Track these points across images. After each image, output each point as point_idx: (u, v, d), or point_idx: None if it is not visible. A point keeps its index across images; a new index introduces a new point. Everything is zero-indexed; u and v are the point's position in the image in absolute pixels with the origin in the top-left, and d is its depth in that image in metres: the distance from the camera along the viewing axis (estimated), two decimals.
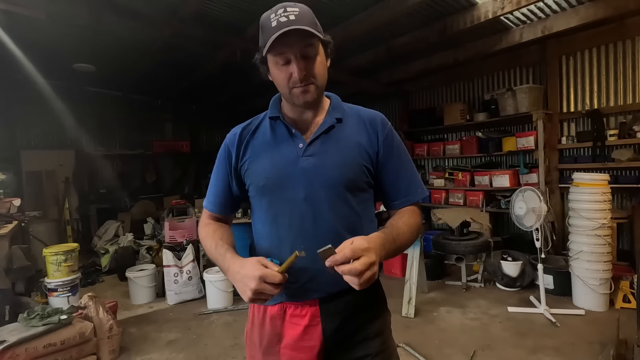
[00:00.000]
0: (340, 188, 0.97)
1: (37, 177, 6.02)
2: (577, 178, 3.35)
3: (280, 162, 0.99)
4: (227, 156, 1.08)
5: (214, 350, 2.89)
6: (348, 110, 1.07)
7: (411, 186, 1.06)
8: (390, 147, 1.04)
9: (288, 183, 0.98)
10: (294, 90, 0.94)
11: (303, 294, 0.98)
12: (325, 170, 0.97)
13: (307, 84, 0.93)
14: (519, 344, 2.77)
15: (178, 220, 4.31)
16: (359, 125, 1.05)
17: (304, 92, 0.94)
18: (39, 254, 3.57)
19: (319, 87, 0.96)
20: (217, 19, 3.77)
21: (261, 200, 1.03)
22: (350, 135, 1.02)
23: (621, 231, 4.03)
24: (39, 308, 2.53)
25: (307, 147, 0.99)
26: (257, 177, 1.01)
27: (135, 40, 4.14)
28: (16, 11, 3.16)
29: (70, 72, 5.22)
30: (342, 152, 0.99)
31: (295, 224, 0.98)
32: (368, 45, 4.61)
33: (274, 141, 1.03)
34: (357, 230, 0.96)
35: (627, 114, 4.09)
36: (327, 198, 0.97)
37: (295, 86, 0.93)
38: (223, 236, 1.06)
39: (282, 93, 1.00)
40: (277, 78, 0.96)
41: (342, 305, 0.98)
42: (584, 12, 3.67)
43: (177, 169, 7.86)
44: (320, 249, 0.78)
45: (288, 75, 0.92)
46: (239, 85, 6.06)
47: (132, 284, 3.95)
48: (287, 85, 0.94)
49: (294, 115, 1.03)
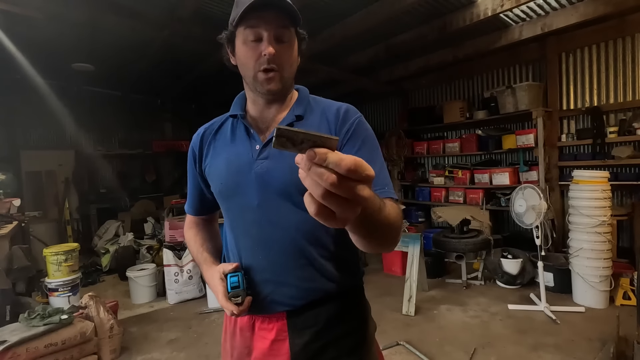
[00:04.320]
0: (295, 194, 0.86)
1: (37, 177, 6.01)
2: (577, 175, 3.35)
3: (234, 166, 0.92)
4: (192, 158, 1.04)
5: (214, 349, 2.89)
6: (314, 105, 0.97)
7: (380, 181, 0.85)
8: (355, 139, 0.89)
9: (241, 189, 0.91)
10: (259, 75, 0.85)
11: (269, 306, 0.91)
12: (279, 174, 0.87)
13: (272, 70, 0.84)
14: (519, 341, 2.77)
15: (178, 220, 4.31)
16: (321, 120, 0.92)
17: (268, 79, 0.85)
18: (39, 254, 3.57)
19: (285, 79, 0.87)
20: (216, 18, 3.76)
21: (222, 206, 0.99)
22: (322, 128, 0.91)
23: (621, 228, 4.03)
24: (40, 308, 2.53)
25: (262, 148, 0.90)
26: (215, 182, 0.96)
27: (134, 39, 4.14)
28: (15, 11, 3.15)
29: (69, 71, 5.21)
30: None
31: (251, 233, 0.92)
32: (367, 43, 4.60)
33: (232, 142, 0.95)
34: (322, 240, 0.90)
35: (627, 111, 4.08)
36: (281, 205, 0.88)
37: (261, 69, 0.84)
38: (204, 242, 1.07)
39: (246, 77, 0.90)
40: (243, 57, 0.86)
41: (312, 319, 0.90)
42: (584, 9, 3.66)
43: (177, 168, 7.84)
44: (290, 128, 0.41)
45: (257, 55, 0.83)
46: (239, 84, 6.00)
47: (133, 283, 3.95)
48: (253, 66, 0.85)
49: (255, 113, 0.95)
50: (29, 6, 3.14)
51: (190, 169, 1.06)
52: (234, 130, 0.97)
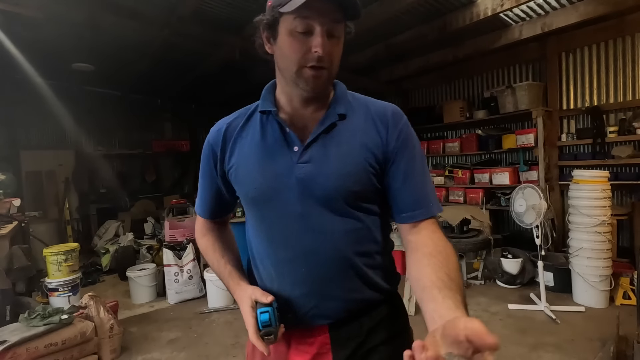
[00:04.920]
0: (340, 202, 0.81)
1: (37, 177, 6.01)
2: (577, 175, 3.35)
3: (271, 170, 0.83)
4: (211, 157, 0.92)
5: (214, 349, 2.89)
6: (354, 103, 0.88)
7: (424, 197, 0.83)
8: (403, 146, 0.85)
9: (281, 196, 0.82)
10: (306, 71, 0.75)
11: (310, 320, 0.85)
12: (323, 180, 0.80)
13: (322, 68, 0.75)
14: (520, 341, 2.77)
15: (178, 220, 4.31)
16: (367, 121, 0.85)
17: (316, 76, 0.75)
18: (39, 254, 3.57)
19: (332, 77, 0.80)
20: (215, 18, 3.76)
21: (253, 213, 0.89)
22: (355, 134, 0.84)
23: (621, 228, 4.03)
24: (40, 308, 2.53)
25: (303, 151, 0.82)
26: (245, 187, 0.86)
27: (134, 39, 4.14)
28: (15, 11, 3.15)
29: (70, 71, 5.21)
30: (344, 157, 0.81)
31: (292, 243, 0.83)
32: (367, 43, 4.60)
33: (264, 143, 0.85)
34: (368, 249, 0.85)
35: (627, 111, 4.08)
36: (326, 213, 0.81)
37: (308, 64, 0.74)
38: (224, 252, 0.96)
39: (285, 71, 0.79)
40: (287, 49, 0.75)
41: (356, 329, 0.86)
42: (584, 8, 3.66)
43: (177, 168, 7.86)
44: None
45: (305, 49, 0.73)
46: (238, 83, 6.04)
47: (133, 283, 3.95)
48: (298, 61, 0.74)
49: (291, 109, 0.85)
50: (29, 6, 3.15)
51: (206, 168, 0.95)
52: (265, 127, 0.86)
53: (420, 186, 0.84)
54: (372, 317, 0.87)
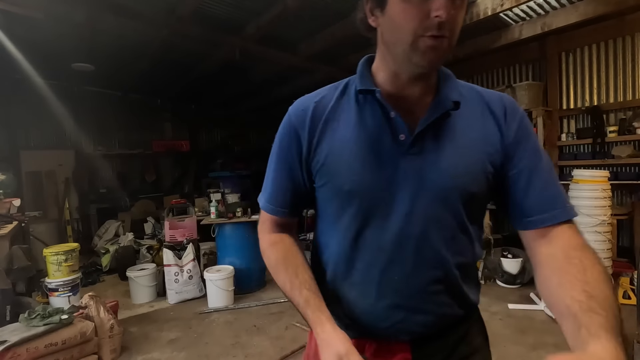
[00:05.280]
0: (457, 204, 0.71)
1: (37, 177, 6.01)
2: (577, 175, 3.35)
3: (374, 161, 0.71)
4: (294, 141, 0.77)
5: (214, 349, 2.89)
6: (464, 89, 0.76)
7: (557, 196, 0.71)
8: (525, 139, 0.73)
9: (385, 191, 0.71)
10: (422, 41, 0.63)
11: (393, 335, 0.76)
12: (437, 175, 0.70)
13: (443, 36, 0.63)
14: (520, 340, 2.77)
15: (178, 220, 4.31)
16: (484, 113, 0.74)
17: (435, 47, 0.63)
18: (39, 254, 3.57)
19: (450, 50, 0.66)
20: (215, 18, 3.76)
21: (340, 210, 0.75)
22: (472, 127, 0.73)
23: (621, 228, 4.03)
24: (40, 308, 2.53)
25: (413, 140, 0.70)
26: (340, 179, 0.73)
27: (133, 39, 4.14)
28: (15, 11, 3.15)
29: (69, 71, 5.21)
30: (461, 153, 0.71)
31: (388, 248, 0.72)
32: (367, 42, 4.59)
33: (363, 127, 0.72)
34: (466, 259, 0.76)
35: (627, 110, 4.08)
36: (437, 215, 0.71)
37: (426, 33, 0.62)
38: (299, 269, 0.77)
39: (396, 44, 0.67)
40: (399, 17, 0.64)
41: (441, 345, 0.78)
42: (584, 8, 3.66)
43: (177, 168, 7.85)
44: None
45: (422, 15, 0.62)
46: (238, 83, 6.05)
47: (133, 283, 3.95)
48: (413, 30, 0.63)
49: (393, 89, 0.73)
50: (29, 6, 3.15)
51: (285, 153, 0.79)
52: (363, 109, 0.74)
53: (550, 183, 0.72)
54: (456, 331, 0.79)
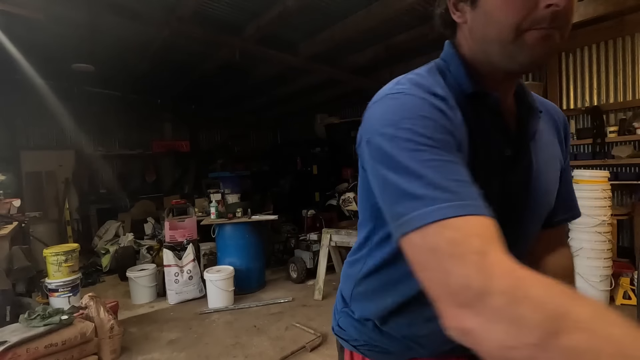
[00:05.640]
0: (540, 224, 0.71)
1: (37, 177, 6.01)
2: (577, 175, 3.35)
3: (483, 169, 0.59)
4: (450, 135, 0.54)
5: (214, 349, 2.89)
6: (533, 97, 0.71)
7: (575, 198, 0.78)
8: (568, 155, 0.76)
9: (511, 216, 0.62)
10: (530, 34, 0.53)
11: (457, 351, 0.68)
12: (536, 195, 0.66)
13: (554, 28, 0.54)
14: None
15: (178, 220, 4.31)
16: (549, 123, 0.71)
17: (545, 38, 0.54)
18: (39, 254, 3.57)
19: (560, 43, 0.58)
20: (215, 19, 3.76)
21: None
22: (550, 139, 0.70)
23: (621, 228, 4.03)
24: (40, 308, 2.53)
25: (518, 155, 0.64)
26: None
27: (134, 40, 4.14)
28: (15, 12, 3.15)
29: (69, 72, 5.21)
30: (548, 167, 0.68)
31: None
32: (367, 43, 4.60)
33: (485, 140, 0.61)
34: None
35: (627, 111, 4.08)
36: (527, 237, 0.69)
37: (535, 26, 0.53)
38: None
39: (493, 42, 0.57)
40: (500, 9, 0.54)
41: None
42: (584, 9, 3.66)
43: (177, 168, 7.85)
44: None
45: (529, 5, 0.52)
46: (238, 84, 6.05)
47: (133, 283, 3.95)
48: (517, 24, 0.53)
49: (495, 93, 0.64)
50: (29, 7, 3.15)
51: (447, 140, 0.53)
52: (481, 117, 0.62)
53: (571, 183, 0.78)
54: None
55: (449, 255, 0.43)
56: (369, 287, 0.75)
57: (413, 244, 0.47)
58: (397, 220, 0.49)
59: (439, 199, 0.46)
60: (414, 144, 0.50)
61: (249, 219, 4.22)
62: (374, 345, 0.78)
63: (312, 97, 6.92)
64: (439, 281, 0.44)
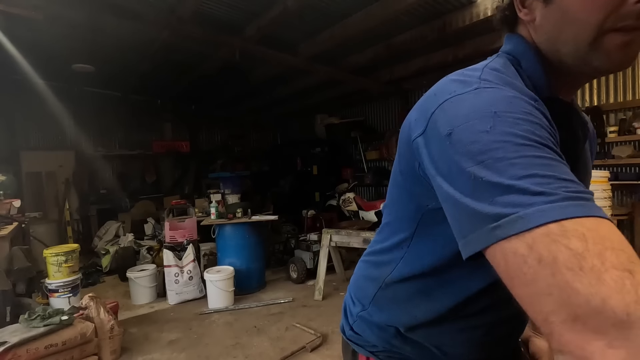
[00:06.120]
0: None
1: (37, 178, 6.02)
2: None
3: None
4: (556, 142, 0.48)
5: (215, 349, 2.89)
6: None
7: None
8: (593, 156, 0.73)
9: None
10: (611, 38, 0.48)
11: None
12: None
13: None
14: None
15: (178, 220, 4.31)
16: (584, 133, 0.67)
17: (628, 44, 0.48)
18: (39, 255, 3.57)
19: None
20: (215, 19, 3.76)
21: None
22: (588, 151, 0.69)
23: (621, 228, 4.02)
24: (40, 309, 2.53)
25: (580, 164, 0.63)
26: None
27: (134, 40, 4.14)
28: (15, 12, 3.15)
29: (69, 72, 5.21)
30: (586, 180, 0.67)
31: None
32: (367, 43, 4.60)
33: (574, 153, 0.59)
34: None
35: (627, 111, 4.08)
36: None
37: (619, 24, 0.47)
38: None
39: (569, 43, 0.52)
40: (579, 6, 0.49)
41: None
42: None
43: (177, 168, 7.85)
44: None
45: (616, 2, 0.46)
46: (238, 84, 6.05)
47: (133, 284, 3.95)
48: (598, 23, 0.48)
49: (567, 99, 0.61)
50: (29, 7, 3.15)
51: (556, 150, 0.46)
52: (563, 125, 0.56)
53: None
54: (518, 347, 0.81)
55: (575, 270, 0.34)
56: (399, 293, 0.70)
57: (513, 253, 0.38)
58: (489, 224, 0.40)
59: (556, 196, 0.38)
60: (520, 138, 0.42)
61: (249, 220, 4.22)
62: (393, 352, 0.75)
63: (312, 97, 6.92)
64: (555, 300, 0.35)
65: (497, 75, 0.53)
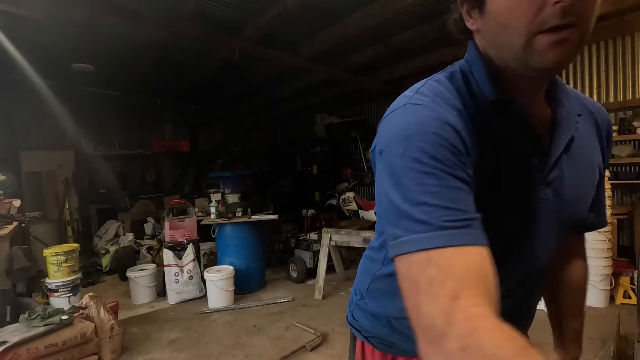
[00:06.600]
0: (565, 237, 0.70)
1: (37, 177, 6.01)
2: None
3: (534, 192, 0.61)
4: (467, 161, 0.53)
5: (215, 349, 2.90)
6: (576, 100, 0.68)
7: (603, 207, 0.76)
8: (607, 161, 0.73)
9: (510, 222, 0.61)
10: (539, 39, 0.50)
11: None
12: (562, 213, 0.64)
13: (568, 27, 0.49)
14: None
15: (178, 220, 4.31)
16: (593, 129, 0.68)
17: (558, 42, 0.50)
18: (39, 254, 3.58)
19: (584, 42, 0.52)
20: (215, 18, 3.76)
21: None
22: (586, 147, 0.66)
23: (621, 227, 4.03)
24: (40, 308, 2.53)
25: (552, 167, 0.61)
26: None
27: (134, 39, 4.14)
28: (15, 12, 3.15)
29: (69, 72, 5.21)
30: (578, 179, 0.65)
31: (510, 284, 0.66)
32: (367, 43, 4.60)
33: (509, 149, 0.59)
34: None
35: (627, 110, 4.09)
36: (552, 251, 0.69)
37: (544, 27, 0.49)
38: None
39: (506, 47, 0.55)
40: (507, 14, 0.52)
41: None
42: None
43: (177, 168, 7.85)
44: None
45: (536, 5, 0.49)
46: (238, 84, 6.05)
47: (133, 283, 3.95)
48: (527, 26, 0.50)
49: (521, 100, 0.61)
50: (29, 7, 3.15)
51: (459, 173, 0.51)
52: (504, 122, 0.60)
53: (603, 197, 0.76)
54: None
55: (425, 294, 0.44)
56: (387, 285, 0.76)
57: (400, 271, 0.49)
58: (391, 240, 0.50)
59: (432, 226, 0.46)
60: (421, 165, 0.49)
61: (249, 219, 4.22)
62: (384, 339, 0.82)
63: (312, 96, 6.91)
64: (414, 314, 0.46)
65: (434, 88, 0.60)
